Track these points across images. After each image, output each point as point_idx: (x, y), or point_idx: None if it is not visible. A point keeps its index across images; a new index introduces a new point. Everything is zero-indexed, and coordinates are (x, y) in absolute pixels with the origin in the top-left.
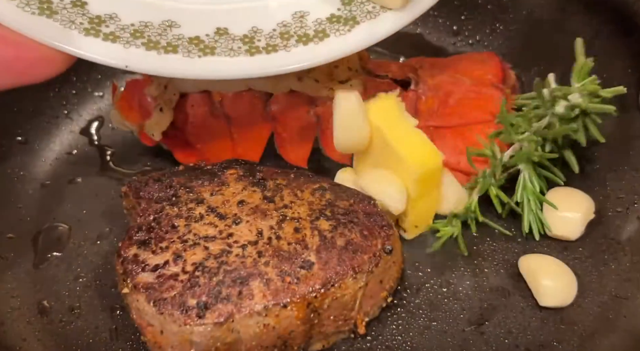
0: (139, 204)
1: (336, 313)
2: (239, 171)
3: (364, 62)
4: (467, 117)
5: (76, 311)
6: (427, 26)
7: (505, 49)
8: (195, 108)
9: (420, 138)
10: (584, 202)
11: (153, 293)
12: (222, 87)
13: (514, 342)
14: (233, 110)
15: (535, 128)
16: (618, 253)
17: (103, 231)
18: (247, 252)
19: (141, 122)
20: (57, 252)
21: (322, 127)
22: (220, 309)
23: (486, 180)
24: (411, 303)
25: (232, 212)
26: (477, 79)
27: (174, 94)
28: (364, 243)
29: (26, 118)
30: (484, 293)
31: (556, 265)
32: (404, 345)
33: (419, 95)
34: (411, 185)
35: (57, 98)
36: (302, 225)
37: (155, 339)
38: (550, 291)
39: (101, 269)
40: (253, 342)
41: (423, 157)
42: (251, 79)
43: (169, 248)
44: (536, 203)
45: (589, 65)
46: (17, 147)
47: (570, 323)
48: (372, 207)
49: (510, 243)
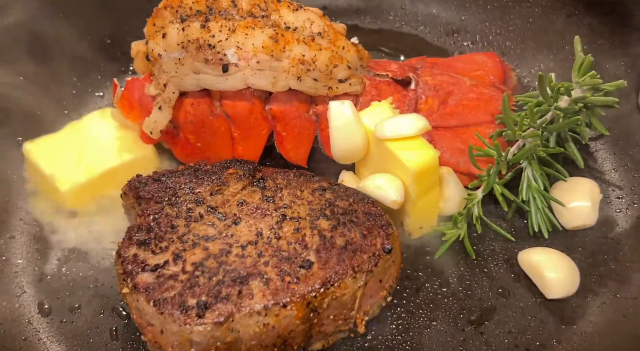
0: (138, 204)
1: (336, 313)
2: (238, 171)
3: (364, 61)
4: (467, 117)
5: (76, 311)
6: (427, 26)
7: (505, 49)
8: (195, 107)
9: (416, 138)
10: (588, 187)
11: (153, 293)
12: (221, 86)
13: (513, 342)
14: (232, 109)
15: (539, 124)
16: (618, 253)
17: (103, 231)
18: (247, 252)
19: (142, 120)
20: (57, 252)
21: (322, 126)
22: (220, 309)
23: (491, 178)
24: (411, 303)
25: (231, 212)
26: (477, 79)
27: (173, 93)
28: (364, 243)
29: (27, 118)
30: (484, 293)
31: (556, 256)
32: (404, 344)
33: (419, 95)
34: (410, 184)
35: (57, 98)
36: (302, 225)
37: (156, 339)
38: (555, 282)
39: (101, 269)
40: (253, 342)
41: (419, 156)
42: (251, 77)
43: (168, 248)
44: (542, 201)
45: (589, 61)
46: (19, 147)
47: (570, 323)
48: (372, 206)
49: (510, 243)
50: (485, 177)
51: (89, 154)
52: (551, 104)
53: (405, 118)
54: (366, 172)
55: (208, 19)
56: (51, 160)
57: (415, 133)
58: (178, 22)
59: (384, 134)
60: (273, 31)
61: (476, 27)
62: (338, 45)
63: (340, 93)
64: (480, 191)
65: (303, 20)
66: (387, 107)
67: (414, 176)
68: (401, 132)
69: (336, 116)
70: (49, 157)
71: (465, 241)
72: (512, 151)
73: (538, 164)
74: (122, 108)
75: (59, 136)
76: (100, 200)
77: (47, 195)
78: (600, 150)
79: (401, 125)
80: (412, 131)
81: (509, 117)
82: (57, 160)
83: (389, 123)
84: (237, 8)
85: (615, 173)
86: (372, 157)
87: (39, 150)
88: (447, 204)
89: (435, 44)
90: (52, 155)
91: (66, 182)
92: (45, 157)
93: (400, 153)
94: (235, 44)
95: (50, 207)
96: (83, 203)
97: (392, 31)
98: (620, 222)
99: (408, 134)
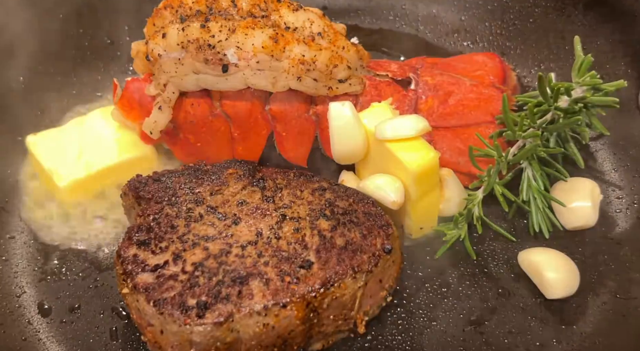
0: (138, 204)
1: (336, 313)
2: (238, 171)
3: (364, 61)
4: (467, 117)
5: (76, 311)
6: (427, 26)
7: (505, 49)
8: (195, 107)
9: (416, 139)
10: (588, 187)
11: (153, 293)
12: (221, 86)
13: (513, 342)
14: (232, 109)
15: (539, 124)
16: (618, 253)
17: (103, 231)
18: (247, 252)
19: (141, 120)
20: (57, 252)
21: (322, 126)
22: (220, 309)
23: (491, 179)
24: (411, 303)
25: (231, 212)
26: (477, 79)
27: (173, 93)
28: (364, 243)
29: (27, 118)
30: (484, 293)
31: (556, 256)
32: (404, 344)
33: (419, 95)
34: (411, 185)
35: (57, 98)
36: (302, 225)
37: (156, 339)
38: (555, 283)
39: (101, 269)
40: (253, 342)
41: (419, 157)
42: (251, 77)
43: (168, 248)
44: (542, 201)
45: (589, 61)
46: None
47: (570, 323)
48: (372, 206)
49: (510, 243)
50: (486, 177)
51: (90, 151)
52: (551, 104)
53: (406, 119)
54: (366, 173)
55: (208, 19)
56: (52, 155)
57: (415, 134)
58: (178, 22)
59: (384, 135)
60: (273, 31)
61: (476, 27)
62: (338, 45)
63: (340, 93)
64: (481, 191)
65: (303, 21)
66: (387, 108)
67: (414, 177)
68: (401, 133)
69: (336, 117)
70: (50, 151)
71: (465, 242)
72: (512, 151)
73: (538, 164)
74: (121, 108)
75: (63, 131)
76: (100, 199)
77: (46, 190)
78: (600, 150)
79: (401, 126)
80: (412, 132)
81: (508, 118)
82: (58, 154)
83: (389, 125)
84: (237, 8)
85: (615, 173)
86: (372, 158)
87: (41, 144)
88: (448, 205)
89: (435, 44)
90: (54, 149)
91: (64, 178)
92: (47, 151)
93: (401, 154)
94: (235, 44)
95: (50, 207)
96: (82, 200)
97: (392, 31)
98: (620, 222)
99: (408, 135)
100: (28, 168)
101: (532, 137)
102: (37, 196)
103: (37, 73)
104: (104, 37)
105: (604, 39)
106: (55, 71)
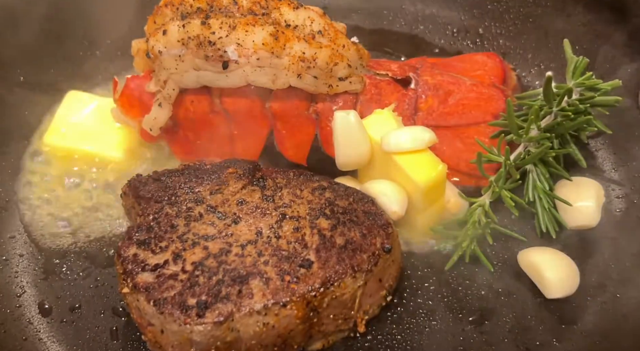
0: (138, 204)
1: (336, 312)
2: (238, 170)
3: (364, 60)
4: (467, 117)
5: (76, 311)
6: (427, 26)
7: (506, 49)
8: (195, 104)
9: (423, 152)
10: (592, 188)
11: (153, 292)
12: (221, 83)
13: (514, 342)
14: (232, 107)
15: (545, 127)
16: (618, 253)
17: (104, 231)
18: (247, 251)
19: (142, 118)
20: (58, 252)
21: (322, 125)
22: (220, 308)
23: (500, 184)
24: (411, 303)
25: (231, 211)
26: (477, 79)
27: (173, 89)
28: (363, 242)
29: (26, 118)
30: (484, 293)
31: (556, 256)
32: (404, 344)
33: (419, 95)
34: (418, 198)
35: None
36: (302, 224)
37: (156, 338)
38: (555, 282)
39: (101, 269)
40: (253, 341)
41: (427, 171)
42: (251, 74)
43: (168, 247)
44: (548, 201)
45: (585, 62)
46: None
47: (570, 323)
48: (372, 205)
49: (510, 243)
50: (494, 183)
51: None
52: (553, 106)
53: (412, 130)
54: (369, 178)
55: (208, 16)
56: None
57: (422, 146)
58: (179, 19)
59: (391, 148)
60: (273, 28)
61: (476, 27)
62: (338, 43)
63: (340, 92)
64: (487, 197)
65: (303, 19)
66: (390, 117)
67: (423, 191)
68: (409, 145)
69: (341, 126)
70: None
71: (480, 256)
72: (517, 154)
73: (544, 166)
74: (121, 105)
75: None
76: (100, 199)
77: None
78: (600, 150)
79: (408, 139)
80: (419, 144)
81: (513, 122)
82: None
83: (396, 136)
84: (237, 5)
85: (615, 172)
86: (376, 165)
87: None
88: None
89: (435, 44)
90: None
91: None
92: (67, 110)
93: (409, 168)
94: (235, 41)
95: (50, 207)
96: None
97: (392, 31)
98: (620, 221)
99: (416, 148)
100: (28, 168)
101: (540, 139)
102: (37, 196)
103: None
104: (104, 37)
105: (604, 38)
106: (55, 71)
